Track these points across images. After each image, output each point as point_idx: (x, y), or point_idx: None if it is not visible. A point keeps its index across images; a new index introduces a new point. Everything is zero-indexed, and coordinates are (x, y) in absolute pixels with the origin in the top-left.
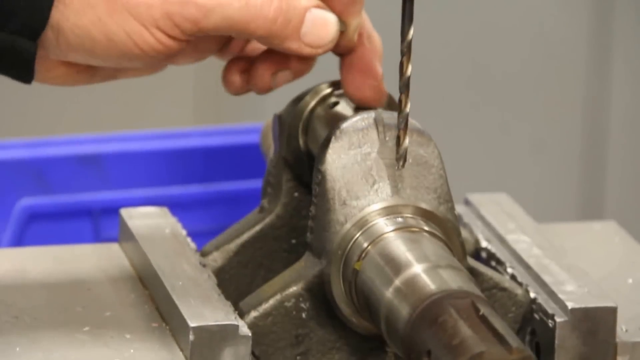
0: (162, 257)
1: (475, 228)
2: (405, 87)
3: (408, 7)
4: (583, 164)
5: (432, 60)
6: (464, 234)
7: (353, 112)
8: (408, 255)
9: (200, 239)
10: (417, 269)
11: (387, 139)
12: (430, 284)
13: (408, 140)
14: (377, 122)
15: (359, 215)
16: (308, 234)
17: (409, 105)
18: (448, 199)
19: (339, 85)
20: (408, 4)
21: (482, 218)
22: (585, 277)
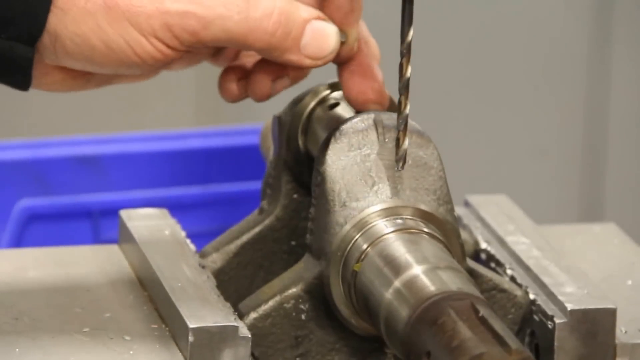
0: (161, 258)
1: (475, 229)
2: (405, 88)
3: (408, 8)
4: (583, 166)
5: (431, 62)
6: (464, 236)
7: (352, 113)
8: (407, 257)
9: (200, 241)
10: (416, 271)
11: (386, 141)
12: (430, 285)
13: (408, 142)
14: (376, 123)
15: (359, 217)
16: (307, 236)
17: (409, 107)
18: (447, 201)
19: (338, 87)
20: (408, 6)
21: (481, 219)
22: (585, 278)
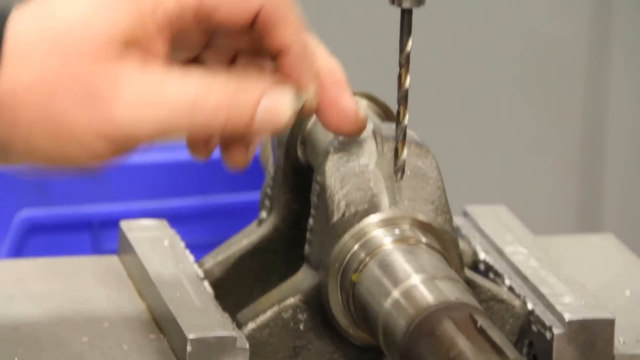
0: (160, 269)
1: (474, 240)
2: (404, 98)
3: (406, 19)
4: (581, 176)
5: (430, 72)
6: (462, 246)
7: None
8: (406, 267)
9: (199, 251)
10: (415, 281)
11: (385, 151)
12: (428, 296)
13: (406, 152)
14: (375, 134)
15: (357, 227)
16: (306, 246)
17: (407, 117)
18: (446, 211)
19: None
20: (406, 16)
21: (480, 230)
22: (583, 288)
